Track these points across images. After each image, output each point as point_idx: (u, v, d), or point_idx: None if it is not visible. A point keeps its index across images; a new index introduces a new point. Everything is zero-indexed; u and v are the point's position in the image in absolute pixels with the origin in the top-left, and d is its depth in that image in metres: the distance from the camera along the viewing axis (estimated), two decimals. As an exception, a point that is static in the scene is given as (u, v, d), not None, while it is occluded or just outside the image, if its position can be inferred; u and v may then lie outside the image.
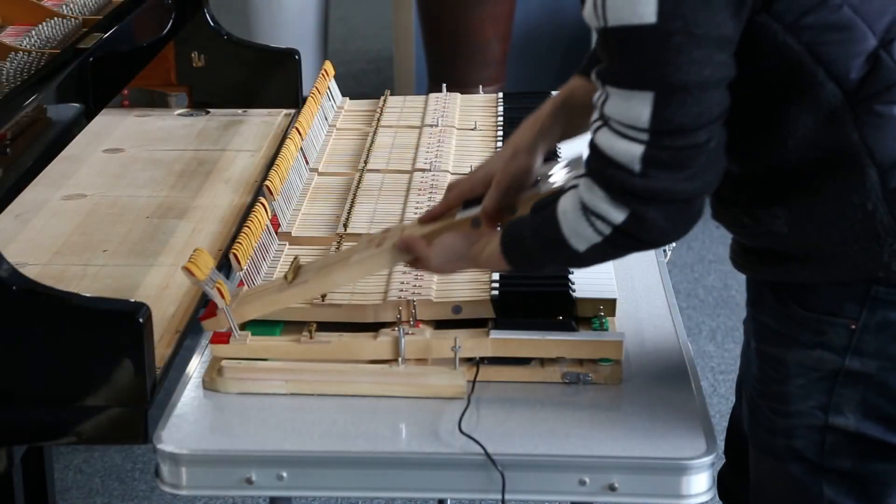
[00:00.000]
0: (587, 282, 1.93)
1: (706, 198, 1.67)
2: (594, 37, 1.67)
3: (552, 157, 2.06)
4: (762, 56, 1.63)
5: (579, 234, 1.66)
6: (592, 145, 1.65)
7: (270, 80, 2.92)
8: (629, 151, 1.59)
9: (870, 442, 1.75)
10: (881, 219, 1.65)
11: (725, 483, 2.02)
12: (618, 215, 1.62)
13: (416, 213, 2.20)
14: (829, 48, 1.61)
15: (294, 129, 2.40)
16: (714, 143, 1.61)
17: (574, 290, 1.89)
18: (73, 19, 2.46)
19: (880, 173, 1.63)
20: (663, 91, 1.57)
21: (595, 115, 1.65)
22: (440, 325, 1.88)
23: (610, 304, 1.89)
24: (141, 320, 1.75)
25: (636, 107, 1.58)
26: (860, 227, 1.66)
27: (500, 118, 2.65)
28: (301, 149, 2.38)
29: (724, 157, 1.65)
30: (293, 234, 2.17)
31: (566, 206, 1.67)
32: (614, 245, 1.66)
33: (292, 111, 2.87)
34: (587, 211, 1.64)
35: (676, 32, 1.55)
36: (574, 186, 1.68)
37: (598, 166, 1.63)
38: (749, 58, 1.63)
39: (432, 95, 2.78)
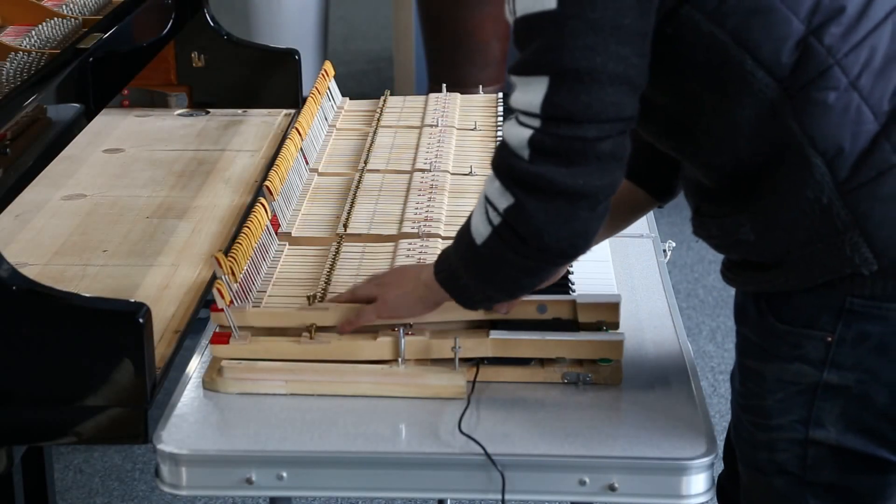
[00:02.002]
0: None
1: (599, 212, 1.64)
2: None
3: None
4: (694, 51, 1.64)
5: (478, 226, 1.69)
6: (499, 146, 1.68)
7: (270, 80, 2.92)
8: (520, 136, 1.62)
9: (853, 455, 1.74)
10: (837, 212, 1.64)
11: (726, 490, 2.01)
12: (503, 201, 1.64)
13: (415, 213, 2.21)
14: (753, 34, 1.61)
15: (294, 130, 2.40)
16: (608, 147, 1.60)
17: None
18: (73, 19, 2.46)
19: (826, 163, 1.62)
20: (555, 75, 1.59)
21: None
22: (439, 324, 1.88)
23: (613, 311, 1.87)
24: (141, 320, 1.75)
25: (531, 92, 1.61)
26: (820, 223, 1.65)
27: (500, 118, 2.65)
28: (301, 149, 2.38)
29: (622, 171, 1.64)
30: (293, 235, 2.17)
31: (478, 201, 1.71)
32: (501, 238, 1.66)
33: (292, 111, 2.87)
34: (484, 201, 1.68)
35: (573, 17, 1.57)
36: None
37: (497, 155, 1.67)
38: (684, 56, 1.64)
39: (432, 95, 2.78)
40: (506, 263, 1.69)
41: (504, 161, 1.64)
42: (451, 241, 2.08)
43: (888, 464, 1.74)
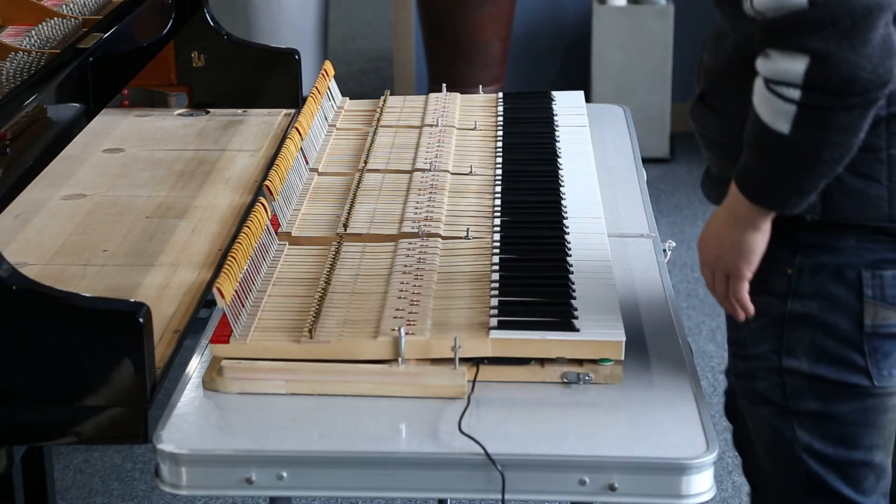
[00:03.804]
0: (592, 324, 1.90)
1: (891, 27, 1.62)
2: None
3: None
4: None
5: (776, 113, 1.65)
6: (758, 26, 1.65)
7: (270, 80, 2.92)
8: None
9: (828, 383, 1.83)
10: None
11: (730, 405, 2.13)
12: (798, 66, 1.60)
13: (415, 213, 2.21)
14: None
15: (294, 129, 2.40)
16: None
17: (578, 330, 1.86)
18: (73, 19, 2.46)
19: None
20: None
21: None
22: (440, 324, 1.88)
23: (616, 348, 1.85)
24: (141, 320, 1.75)
25: None
26: None
27: (500, 118, 2.65)
28: (301, 149, 2.38)
29: None
30: (293, 234, 2.17)
31: (756, 99, 1.67)
32: (813, 109, 1.62)
33: (292, 111, 2.87)
34: (770, 84, 1.64)
35: None
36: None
37: (766, 28, 1.63)
38: None
39: (432, 95, 2.78)
40: (829, 133, 1.65)
41: (783, 23, 1.60)
42: (450, 241, 2.10)
43: (863, 389, 1.84)
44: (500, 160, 2.44)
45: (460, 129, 2.61)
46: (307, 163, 2.42)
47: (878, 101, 1.66)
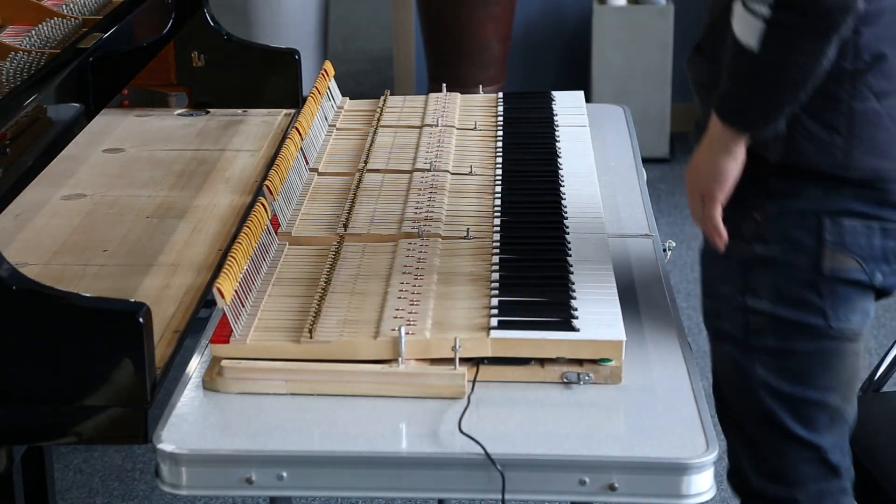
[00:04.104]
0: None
1: None
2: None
3: None
4: None
5: (747, 29, 1.75)
6: None
7: (270, 80, 2.92)
8: None
9: (787, 323, 1.95)
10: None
11: None
12: None
13: (415, 213, 2.21)
14: None
15: (294, 129, 2.40)
16: None
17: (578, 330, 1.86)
18: (73, 19, 2.46)
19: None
20: None
21: None
22: (440, 324, 1.88)
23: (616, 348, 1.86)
24: (141, 320, 1.75)
25: None
26: None
27: (501, 118, 2.65)
28: (301, 149, 2.38)
29: None
30: (293, 234, 2.17)
31: (734, 18, 1.78)
32: (779, 27, 1.73)
33: (292, 111, 2.87)
34: (742, 8, 1.75)
35: None
36: None
37: None
38: None
39: (432, 95, 2.78)
40: (791, 52, 1.75)
41: None
42: (450, 241, 2.11)
43: (820, 330, 1.95)
44: (500, 160, 2.44)
45: (460, 129, 2.61)
46: (307, 163, 2.42)
47: (840, 27, 1.74)
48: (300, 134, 2.40)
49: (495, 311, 1.88)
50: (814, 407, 2.00)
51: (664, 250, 2.24)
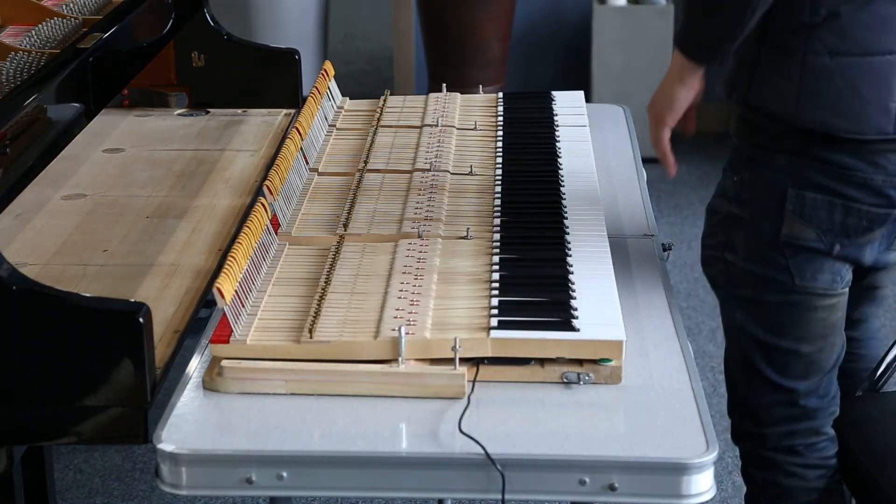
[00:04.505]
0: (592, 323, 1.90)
1: None
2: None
3: None
4: None
5: None
6: None
7: (270, 80, 2.92)
8: None
9: (758, 277, 2.16)
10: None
11: None
12: None
13: (415, 213, 2.21)
14: None
15: (294, 129, 2.40)
16: None
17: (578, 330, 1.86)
18: (73, 19, 2.46)
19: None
20: None
21: None
22: (440, 324, 1.88)
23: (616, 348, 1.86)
24: (141, 320, 1.75)
25: None
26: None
27: (501, 118, 2.65)
28: (301, 149, 2.38)
29: None
30: (293, 234, 2.17)
31: None
32: None
33: (292, 111, 2.87)
34: None
35: None
36: None
37: None
38: None
39: (432, 95, 2.78)
40: None
41: None
42: (450, 241, 2.11)
43: (786, 285, 2.15)
44: (500, 160, 2.44)
45: (460, 129, 2.61)
46: (307, 163, 2.42)
47: None
48: (300, 134, 2.40)
49: (495, 311, 1.88)
50: (787, 355, 2.20)
51: (664, 250, 2.24)
